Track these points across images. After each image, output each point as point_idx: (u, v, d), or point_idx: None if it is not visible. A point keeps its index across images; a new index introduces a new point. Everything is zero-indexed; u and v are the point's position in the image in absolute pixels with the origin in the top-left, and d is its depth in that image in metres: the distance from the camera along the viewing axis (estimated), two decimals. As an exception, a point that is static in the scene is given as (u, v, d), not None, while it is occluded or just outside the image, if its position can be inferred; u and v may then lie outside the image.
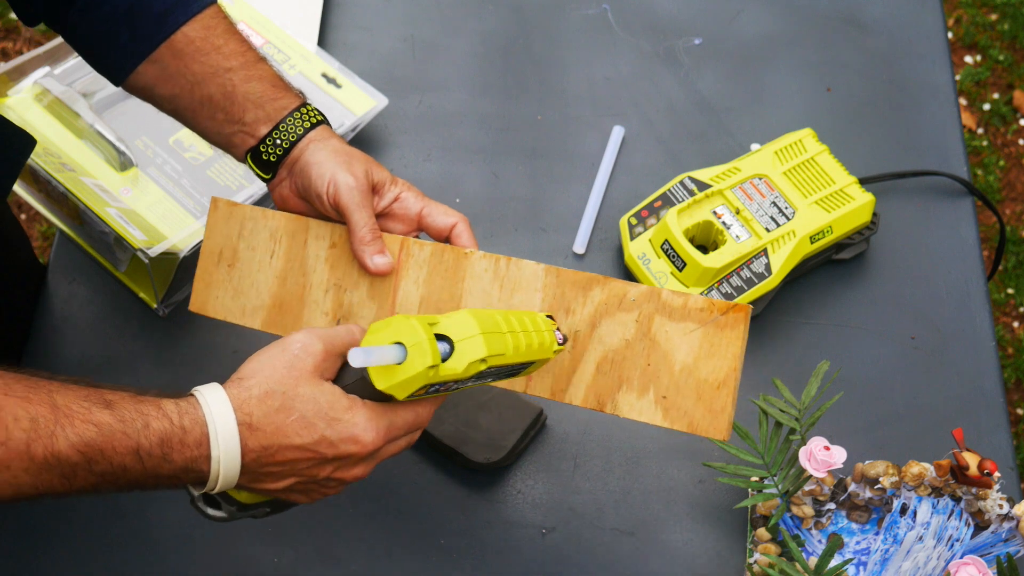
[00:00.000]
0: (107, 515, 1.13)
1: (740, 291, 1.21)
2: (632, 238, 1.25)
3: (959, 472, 1.06)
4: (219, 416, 0.81)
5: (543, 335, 0.90)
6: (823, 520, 1.11)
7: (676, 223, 1.21)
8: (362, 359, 0.78)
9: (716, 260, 1.20)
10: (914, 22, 1.48)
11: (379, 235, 0.99)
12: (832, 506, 1.11)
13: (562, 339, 0.93)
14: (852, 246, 1.28)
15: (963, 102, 2.52)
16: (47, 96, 1.26)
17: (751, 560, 1.08)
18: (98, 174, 1.23)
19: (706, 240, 1.24)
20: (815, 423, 1.07)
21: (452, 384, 0.83)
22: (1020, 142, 2.50)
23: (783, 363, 1.23)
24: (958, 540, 1.08)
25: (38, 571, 1.10)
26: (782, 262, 1.21)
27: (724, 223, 1.23)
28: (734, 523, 1.14)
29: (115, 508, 1.13)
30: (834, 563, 1.04)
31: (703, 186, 1.25)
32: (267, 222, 1.04)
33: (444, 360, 0.81)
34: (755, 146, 1.36)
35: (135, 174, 1.24)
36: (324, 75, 1.35)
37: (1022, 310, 2.31)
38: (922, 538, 1.08)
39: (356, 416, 0.84)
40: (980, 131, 2.50)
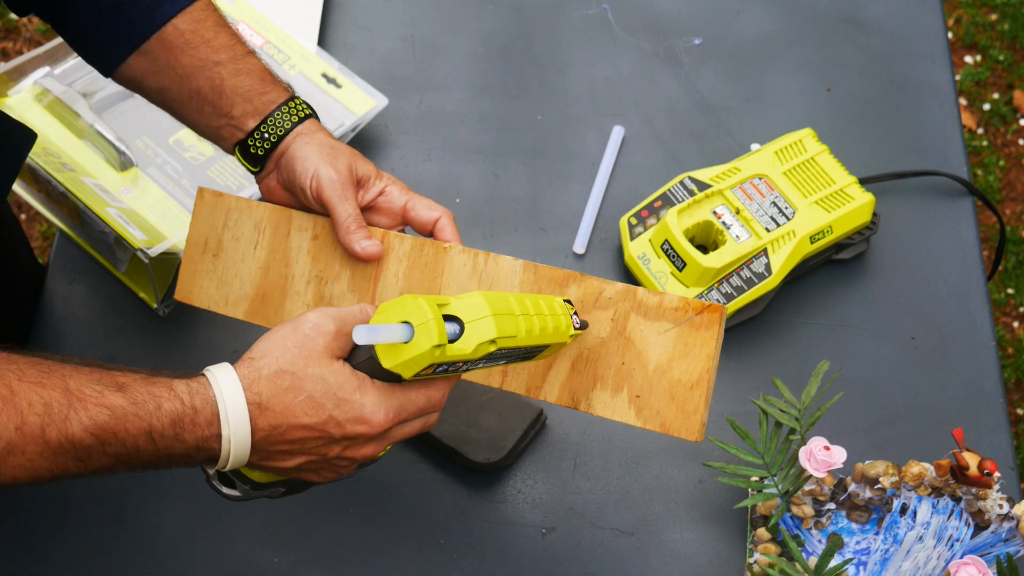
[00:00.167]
0: (107, 517, 1.13)
1: (740, 291, 1.21)
2: (632, 238, 1.25)
3: (959, 472, 1.06)
4: (229, 396, 0.82)
5: (559, 319, 0.89)
6: (823, 520, 1.11)
7: (676, 223, 1.21)
8: (367, 337, 0.78)
9: (716, 260, 1.20)
10: (914, 22, 1.48)
11: (364, 223, 0.99)
12: (832, 506, 1.11)
13: (579, 324, 0.92)
14: (852, 246, 1.28)
15: (963, 102, 2.52)
16: (47, 96, 1.26)
17: (751, 560, 1.08)
18: (98, 174, 1.23)
19: (706, 240, 1.24)
20: (815, 423, 1.07)
21: (462, 365, 0.83)
22: (1020, 142, 2.50)
23: (783, 363, 1.23)
24: (958, 540, 1.08)
25: (38, 572, 1.10)
26: (782, 262, 1.21)
27: (724, 223, 1.23)
28: (734, 523, 1.14)
29: (115, 509, 1.13)
30: (834, 563, 1.04)
31: (703, 186, 1.25)
32: (252, 213, 1.04)
33: (453, 341, 0.81)
34: (755, 146, 1.36)
35: (135, 174, 1.24)
36: (324, 75, 1.35)
37: (1022, 310, 2.31)
38: (922, 538, 1.08)
39: (365, 397, 0.84)
40: (980, 131, 2.50)
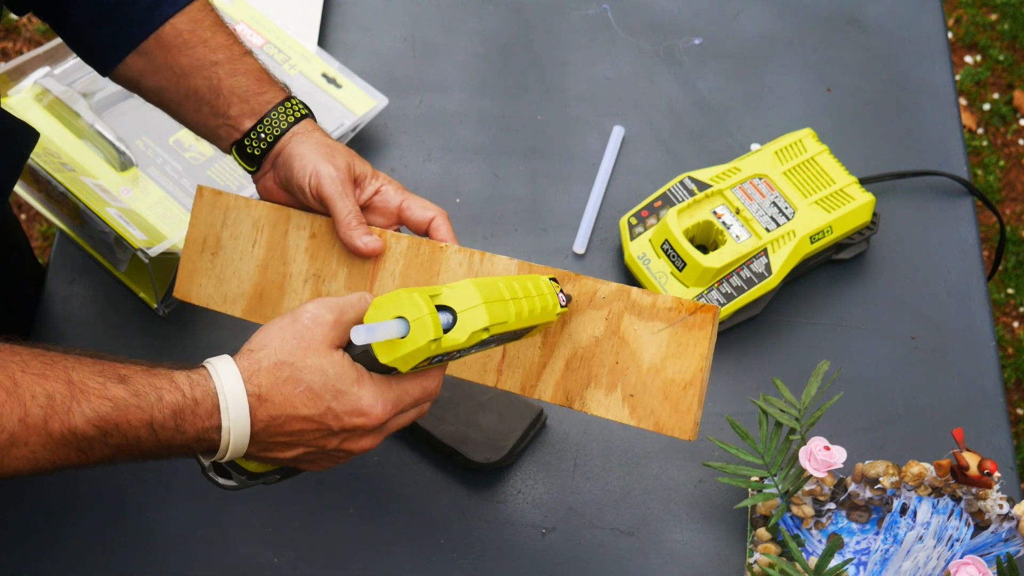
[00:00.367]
0: (107, 515, 1.13)
1: (740, 291, 1.21)
2: (632, 238, 1.25)
3: (959, 472, 1.06)
4: (229, 387, 0.82)
5: (545, 299, 0.91)
6: (823, 520, 1.11)
7: (676, 223, 1.21)
8: (365, 336, 0.79)
9: (716, 260, 1.20)
10: (914, 22, 1.48)
11: (364, 220, 1.00)
12: (832, 506, 1.11)
13: (564, 300, 0.93)
14: (852, 246, 1.28)
15: (963, 102, 2.52)
16: (47, 96, 1.26)
17: (751, 560, 1.08)
18: (98, 174, 1.23)
19: (706, 240, 1.24)
20: (815, 423, 1.07)
21: (455, 353, 0.84)
22: (1020, 142, 2.50)
23: (783, 363, 1.23)
24: (958, 540, 1.08)
25: (38, 571, 1.10)
26: (782, 262, 1.21)
27: (724, 223, 1.23)
28: (734, 523, 1.14)
29: (115, 509, 1.13)
30: (834, 563, 1.04)
31: (703, 186, 1.25)
32: (250, 211, 1.04)
33: (447, 331, 0.82)
34: (755, 146, 1.36)
35: (135, 174, 1.24)
36: (324, 75, 1.35)
37: (1022, 310, 2.31)
38: (922, 538, 1.08)
39: (363, 390, 0.84)
40: (980, 131, 2.50)
